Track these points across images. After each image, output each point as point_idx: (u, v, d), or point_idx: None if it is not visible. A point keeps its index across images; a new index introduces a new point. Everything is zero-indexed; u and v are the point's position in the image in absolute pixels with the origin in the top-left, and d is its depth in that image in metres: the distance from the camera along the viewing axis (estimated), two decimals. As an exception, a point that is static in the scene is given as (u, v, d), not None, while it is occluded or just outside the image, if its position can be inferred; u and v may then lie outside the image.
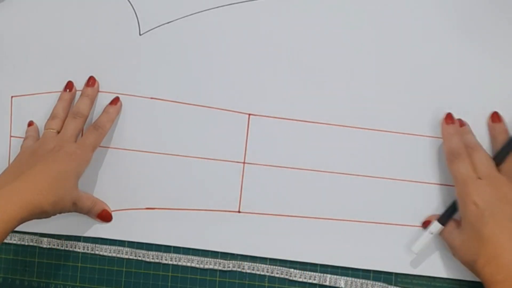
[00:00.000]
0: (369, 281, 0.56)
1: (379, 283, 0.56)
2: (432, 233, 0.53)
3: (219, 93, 0.58)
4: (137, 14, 0.59)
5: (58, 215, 0.53)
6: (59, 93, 0.59)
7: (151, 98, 0.58)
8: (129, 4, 0.59)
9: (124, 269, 0.59)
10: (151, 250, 0.59)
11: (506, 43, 0.55)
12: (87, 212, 0.57)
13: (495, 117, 0.54)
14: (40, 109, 0.60)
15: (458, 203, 0.52)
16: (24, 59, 0.60)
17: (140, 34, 0.59)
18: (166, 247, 0.58)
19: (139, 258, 0.59)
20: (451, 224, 0.53)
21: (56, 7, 0.60)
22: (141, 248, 0.59)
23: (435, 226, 0.53)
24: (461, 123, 0.54)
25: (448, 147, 0.53)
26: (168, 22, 0.59)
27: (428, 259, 0.55)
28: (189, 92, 0.58)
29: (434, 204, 0.56)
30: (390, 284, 0.56)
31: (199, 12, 0.58)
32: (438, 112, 0.55)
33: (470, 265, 0.50)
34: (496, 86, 0.55)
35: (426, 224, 0.55)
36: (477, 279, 0.53)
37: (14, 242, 0.60)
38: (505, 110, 0.55)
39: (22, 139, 0.59)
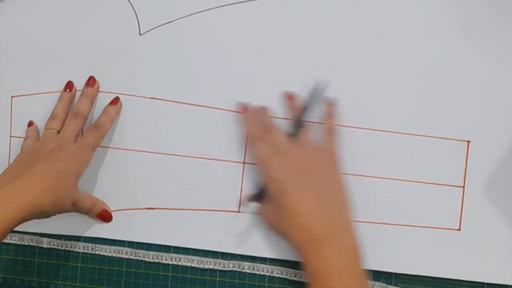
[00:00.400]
0: (369, 281, 0.56)
1: (379, 283, 0.56)
2: (249, 212, 0.55)
3: (219, 93, 0.58)
4: (137, 14, 0.59)
5: (58, 215, 0.54)
6: (59, 93, 0.59)
7: (151, 98, 0.58)
8: (129, 4, 0.59)
9: (124, 269, 0.59)
10: (151, 250, 0.59)
11: (507, 43, 0.55)
12: (87, 212, 0.57)
13: (288, 97, 0.56)
14: (40, 109, 0.60)
15: (264, 180, 0.54)
16: (24, 59, 0.60)
17: (140, 34, 0.59)
18: (166, 247, 0.58)
19: (139, 258, 0.59)
20: (265, 203, 0.55)
21: (56, 7, 0.60)
22: (141, 248, 0.59)
23: (250, 206, 0.55)
24: (259, 108, 0.56)
25: (248, 132, 0.56)
26: (168, 22, 0.59)
27: (428, 259, 0.55)
28: (189, 92, 0.58)
29: (435, 204, 0.56)
30: (390, 284, 0.56)
31: (199, 12, 0.58)
32: (439, 112, 0.55)
33: (282, 236, 0.53)
34: (496, 86, 0.55)
35: (249, 200, 0.56)
36: (480, 280, 0.53)
37: (14, 242, 0.60)
38: (504, 110, 0.55)
39: (22, 139, 0.59)
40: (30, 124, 0.59)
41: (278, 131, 0.54)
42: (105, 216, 0.58)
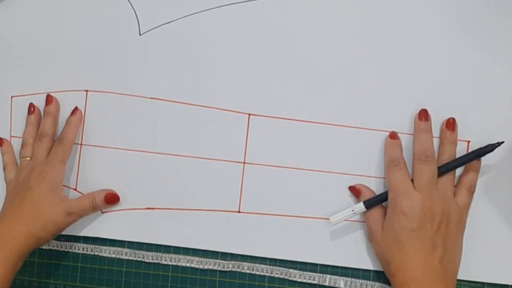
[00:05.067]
0: (369, 281, 0.56)
1: (379, 283, 0.56)
2: (353, 211, 0.54)
3: (219, 93, 0.58)
4: (137, 14, 0.59)
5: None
6: (59, 93, 0.59)
7: (151, 98, 0.59)
8: (129, 4, 0.59)
9: (124, 269, 0.59)
10: (151, 250, 0.59)
11: (506, 43, 0.55)
12: (93, 208, 0.57)
13: (450, 124, 0.54)
14: (40, 109, 0.60)
15: (389, 207, 0.52)
16: (24, 59, 0.60)
17: (140, 34, 0.59)
18: (166, 247, 0.58)
19: (139, 259, 0.59)
20: (377, 211, 0.53)
21: (56, 7, 0.60)
22: (141, 249, 0.59)
23: (359, 207, 0.53)
24: (425, 117, 0.54)
25: (389, 155, 0.54)
26: (168, 22, 0.59)
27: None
28: (189, 92, 0.58)
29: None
30: (390, 284, 0.56)
31: (199, 12, 0.58)
32: (439, 112, 0.55)
33: (383, 263, 0.52)
34: (496, 86, 0.55)
35: (353, 190, 0.55)
36: (480, 280, 0.53)
37: (14, 242, 0.60)
38: (504, 110, 0.55)
39: (21, 139, 0.59)
40: (1, 142, 0.60)
41: (435, 168, 0.51)
42: (111, 199, 0.58)
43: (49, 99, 0.59)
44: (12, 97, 0.61)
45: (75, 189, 0.59)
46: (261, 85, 0.57)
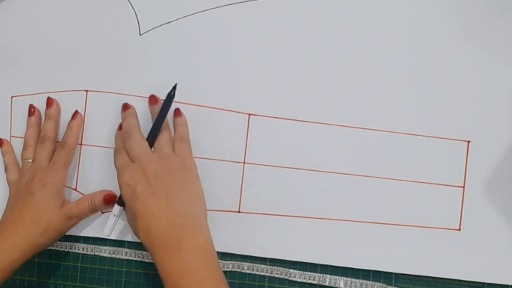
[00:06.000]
0: (369, 281, 0.56)
1: (379, 283, 0.56)
2: (115, 215, 0.56)
3: (219, 93, 0.58)
4: (137, 14, 0.59)
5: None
6: (59, 93, 0.59)
7: (151, 98, 0.59)
8: (129, 4, 0.59)
9: (124, 269, 0.59)
10: (151, 250, 0.59)
11: (506, 43, 0.55)
12: (92, 210, 0.57)
13: (152, 100, 0.57)
14: (40, 109, 0.60)
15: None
16: (24, 59, 0.60)
17: (140, 34, 0.59)
18: (166, 247, 0.58)
19: (139, 259, 0.59)
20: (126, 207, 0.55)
21: (56, 7, 0.60)
22: (141, 249, 0.59)
23: (116, 208, 0.56)
24: (126, 107, 0.57)
25: (116, 144, 0.57)
26: (168, 22, 0.59)
27: (428, 259, 0.55)
28: (189, 92, 0.58)
29: (435, 204, 0.56)
30: (390, 284, 0.56)
31: (199, 12, 0.58)
32: (439, 112, 0.55)
33: (137, 237, 0.53)
34: (496, 86, 0.55)
35: (106, 200, 0.57)
36: (480, 280, 0.53)
37: (14, 242, 0.60)
38: (504, 110, 0.55)
39: (22, 139, 0.59)
40: (1, 143, 0.60)
41: (137, 136, 0.55)
42: (111, 199, 0.58)
43: (49, 101, 0.59)
44: (12, 97, 0.61)
45: (75, 189, 0.59)
46: (261, 85, 0.57)
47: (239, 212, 0.57)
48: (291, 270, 0.57)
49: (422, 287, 0.56)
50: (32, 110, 0.59)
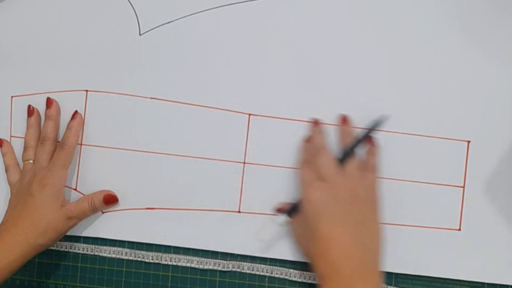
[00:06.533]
0: (369, 281, 0.56)
1: (379, 283, 0.56)
2: (277, 224, 0.55)
3: (219, 93, 0.58)
4: (137, 14, 0.59)
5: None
6: (59, 93, 0.59)
7: (151, 98, 0.58)
8: (129, 4, 0.59)
9: (124, 269, 0.59)
10: (151, 250, 0.59)
11: (506, 43, 0.55)
12: (92, 210, 0.57)
13: (343, 121, 0.56)
14: (40, 109, 0.60)
15: (301, 201, 0.53)
16: (24, 59, 0.60)
17: (140, 34, 0.59)
18: (166, 247, 0.58)
19: (139, 259, 0.59)
20: (297, 217, 0.54)
21: (56, 7, 0.60)
22: (141, 249, 0.59)
23: (282, 218, 0.55)
24: (315, 123, 0.56)
25: (302, 157, 0.56)
26: (168, 22, 0.59)
27: (428, 259, 0.55)
28: (189, 92, 0.58)
29: (436, 204, 0.56)
30: (390, 284, 0.56)
31: (199, 12, 0.58)
32: (439, 112, 0.55)
33: (307, 257, 0.52)
34: (496, 86, 0.55)
35: (278, 210, 0.56)
36: (480, 280, 0.53)
37: (14, 242, 0.60)
38: (504, 110, 0.55)
39: (22, 139, 0.59)
40: (1, 143, 0.60)
41: (327, 155, 0.53)
42: (110, 199, 0.58)
43: (49, 102, 0.59)
44: (12, 97, 0.61)
45: (75, 189, 0.59)
46: (261, 85, 0.57)
47: (239, 212, 0.57)
48: (291, 270, 0.57)
49: (422, 287, 0.56)
50: (31, 110, 0.59)
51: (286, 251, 0.57)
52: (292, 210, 0.54)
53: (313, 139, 0.55)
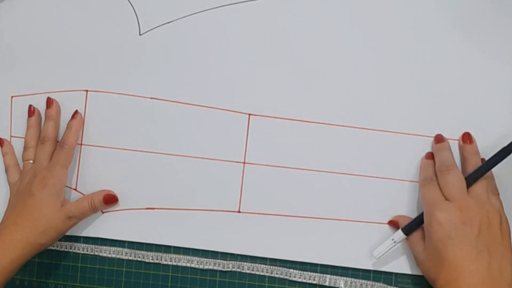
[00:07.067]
0: (369, 282, 0.56)
1: (379, 283, 0.56)
2: (394, 241, 0.53)
3: (219, 93, 0.58)
4: (137, 14, 0.59)
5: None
6: (59, 93, 0.59)
7: (151, 98, 0.59)
8: (129, 4, 0.59)
9: (124, 269, 0.59)
10: (151, 250, 0.59)
11: (506, 43, 0.55)
12: (92, 210, 0.57)
13: (466, 138, 0.54)
14: (40, 109, 0.60)
15: (425, 222, 0.51)
16: (24, 59, 0.60)
17: (140, 34, 0.59)
18: (166, 247, 0.58)
19: (139, 259, 0.59)
20: (417, 234, 0.53)
21: (56, 7, 0.60)
22: (141, 249, 0.59)
23: (399, 235, 0.53)
24: (440, 139, 0.54)
25: (424, 174, 0.54)
26: (168, 22, 0.59)
27: (428, 259, 0.55)
28: (189, 92, 0.58)
29: (434, 204, 0.56)
30: (390, 284, 0.56)
31: (199, 12, 0.58)
32: (439, 112, 0.55)
33: (431, 282, 0.50)
34: (496, 86, 0.55)
35: (392, 224, 0.55)
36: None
37: (14, 242, 0.60)
38: (505, 109, 0.55)
39: (22, 139, 0.59)
40: (1, 143, 0.60)
41: (457, 174, 0.51)
42: (110, 199, 0.58)
43: (49, 102, 0.59)
44: (12, 97, 0.61)
45: (75, 189, 0.59)
46: (261, 85, 0.57)
47: (239, 212, 0.57)
48: (291, 270, 0.57)
49: (422, 287, 0.56)
50: (32, 110, 0.59)
51: (286, 251, 0.57)
52: (411, 227, 0.53)
53: (438, 156, 0.53)
